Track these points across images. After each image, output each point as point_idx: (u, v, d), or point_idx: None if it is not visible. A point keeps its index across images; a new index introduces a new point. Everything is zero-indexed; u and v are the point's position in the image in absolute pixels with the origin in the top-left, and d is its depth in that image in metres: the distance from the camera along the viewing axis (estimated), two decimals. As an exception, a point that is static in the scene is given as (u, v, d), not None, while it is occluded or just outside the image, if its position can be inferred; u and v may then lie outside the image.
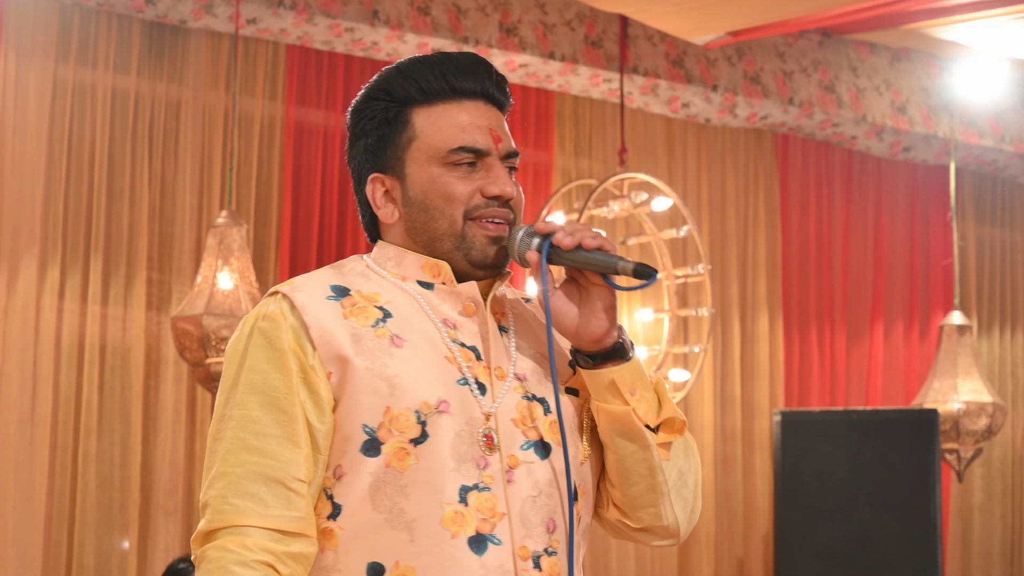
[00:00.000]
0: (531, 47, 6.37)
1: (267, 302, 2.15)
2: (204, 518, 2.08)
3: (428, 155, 2.17)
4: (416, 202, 2.18)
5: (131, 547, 5.74)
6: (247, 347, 2.12)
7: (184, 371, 5.80)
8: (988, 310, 7.79)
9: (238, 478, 2.06)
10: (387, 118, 2.19)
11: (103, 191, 5.83)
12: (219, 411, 2.12)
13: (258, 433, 2.08)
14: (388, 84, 2.20)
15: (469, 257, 2.17)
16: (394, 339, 2.12)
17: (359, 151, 2.21)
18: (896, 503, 6.54)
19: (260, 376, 2.10)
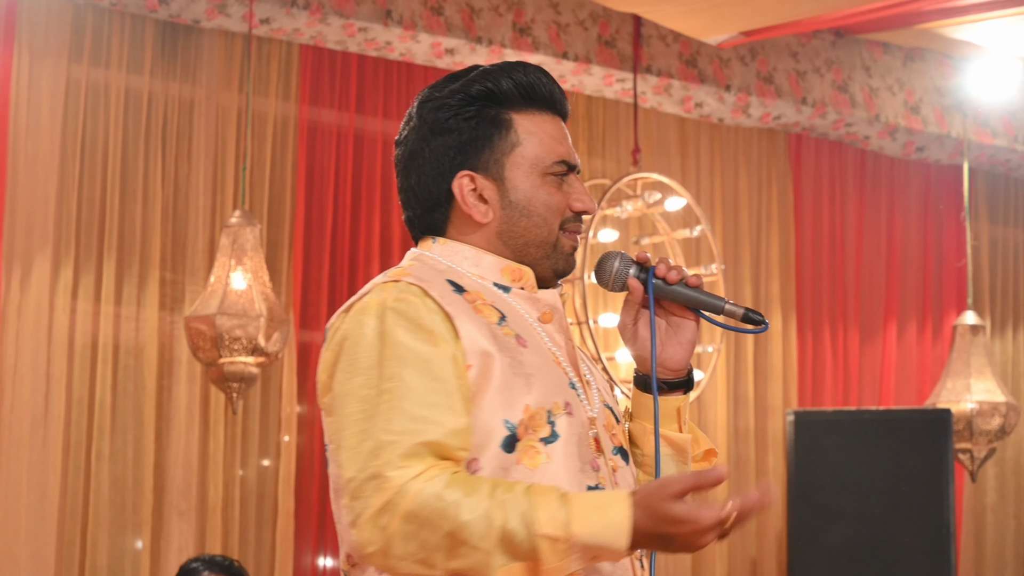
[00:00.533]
0: (544, 47, 6.36)
1: (390, 287, 2.11)
2: (372, 492, 1.99)
3: (531, 163, 2.21)
4: (519, 206, 2.21)
5: (144, 547, 5.74)
6: (384, 327, 2.07)
7: (197, 371, 5.80)
8: (1001, 310, 7.77)
9: (407, 446, 2.00)
10: (487, 118, 2.20)
11: (116, 191, 5.83)
12: (359, 391, 2.05)
13: (420, 403, 2.03)
14: (490, 85, 2.20)
15: (556, 266, 2.23)
16: (519, 338, 2.15)
17: (444, 146, 2.20)
18: (909, 503, 6.53)
19: (410, 352, 2.06)
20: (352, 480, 2.02)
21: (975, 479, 6.81)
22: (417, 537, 1.98)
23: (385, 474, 1.99)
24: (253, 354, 5.39)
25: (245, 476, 5.96)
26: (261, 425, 5.99)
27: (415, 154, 2.22)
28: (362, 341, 2.08)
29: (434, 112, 2.21)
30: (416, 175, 2.22)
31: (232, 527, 5.88)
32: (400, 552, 1.99)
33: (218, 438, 5.86)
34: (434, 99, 2.22)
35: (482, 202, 2.20)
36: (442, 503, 1.96)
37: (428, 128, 2.21)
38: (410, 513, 1.97)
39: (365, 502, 2.00)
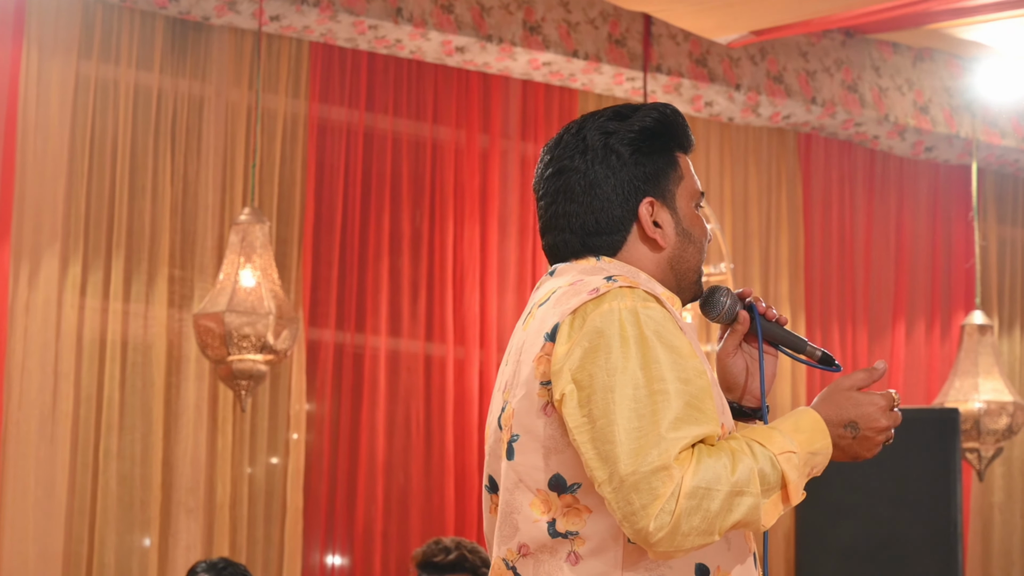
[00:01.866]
0: (554, 45, 6.36)
1: (628, 293, 2.25)
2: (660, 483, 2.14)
3: (690, 195, 2.43)
4: (688, 234, 2.42)
5: (152, 545, 5.74)
6: (641, 330, 2.22)
7: (206, 368, 5.80)
8: (1009, 309, 7.77)
9: (684, 443, 2.17)
10: (665, 152, 2.41)
11: (125, 188, 5.83)
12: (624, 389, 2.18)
13: (692, 405, 2.19)
14: (670, 128, 2.42)
15: (696, 293, 2.46)
16: (708, 356, 2.32)
17: (632, 175, 2.38)
18: (917, 502, 6.53)
19: (672, 355, 2.21)
20: (633, 474, 2.14)
21: (982, 478, 6.81)
22: (700, 509, 2.15)
23: (670, 466, 2.14)
24: (262, 352, 5.39)
25: (253, 474, 5.96)
26: (270, 423, 5.99)
27: (598, 181, 2.39)
28: (623, 342, 2.21)
29: (622, 144, 2.39)
30: (599, 201, 2.38)
31: (240, 525, 5.87)
32: (686, 529, 2.14)
33: (226, 436, 5.86)
34: (618, 132, 2.40)
35: (658, 229, 2.39)
36: (713, 470, 2.16)
37: (616, 158, 2.39)
38: (692, 489, 2.14)
39: (652, 493, 2.14)
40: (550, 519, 2.24)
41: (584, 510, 2.23)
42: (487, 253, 6.42)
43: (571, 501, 2.24)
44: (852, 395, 2.32)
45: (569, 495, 2.24)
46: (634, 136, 2.39)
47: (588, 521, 2.23)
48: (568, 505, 2.24)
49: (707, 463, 2.16)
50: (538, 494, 2.26)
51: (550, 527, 2.24)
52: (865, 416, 2.32)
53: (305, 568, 5.99)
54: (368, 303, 6.21)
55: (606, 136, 2.40)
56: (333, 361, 6.13)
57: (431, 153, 6.41)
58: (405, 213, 6.32)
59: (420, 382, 6.22)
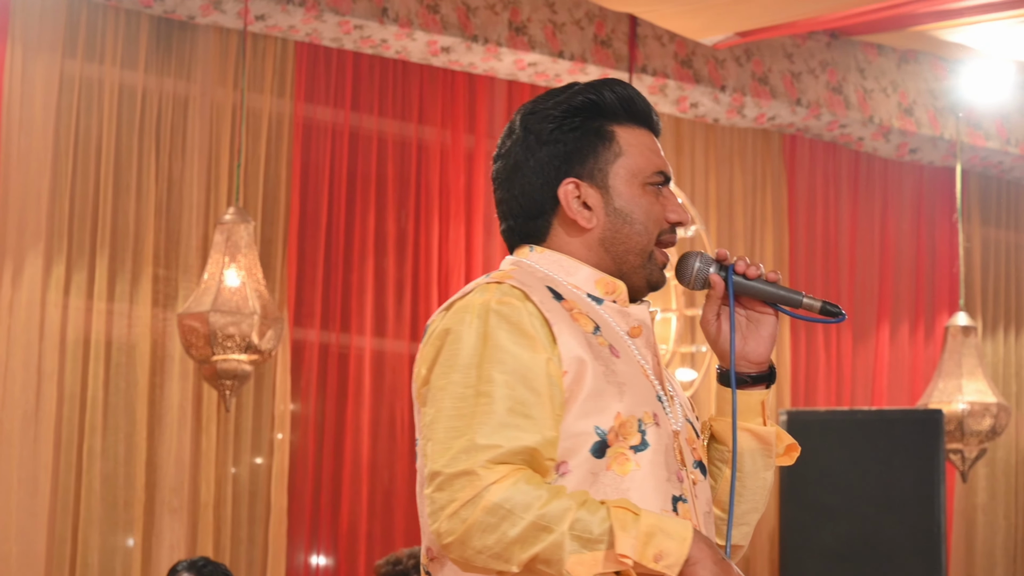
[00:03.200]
0: (540, 46, 6.36)
1: (494, 289, 2.18)
2: (460, 487, 2.06)
3: (632, 173, 2.28)
4: (622, 213, 2.27)
5: (135, 545, 5.73)
6: (486, 328, 2.14)
7: (190, 368, 5.79)
8: (993, 311, 7.79)
9: (499, 452, 2.07)
10: (591, 129, 2.28)
11: (109, 187, 5.81)
12: (455, 388, 2.12)
13: (515, 412, 2.10)
14: (593, 97, 2.28)
15: (650, 277, 2.30)
16: (612, 348, 2.21)
17: (550, 155, 2.27)
18: (900, 503, 6.54)
19: (510, 356, 2.12)
20: (439, 473, 2.08)
21: (966, 479, 6.82)
22: (497, 529, 2.05)
23: (476, 471, 2.06)
24: (246, 351, 5.38)
25: (238, 474, 5.95)
26: (254, 423, 5.98)
27: (519, 164, 2.29)
28: (464, 339, 2.14)
29: (539, 123, 2.29)
30: (520, 185, 2.29)
31: (224, 525, 5.86)
32: (478, 545, 2.06)
33: (211, 436, 5.85)
34: (539, 111, 2.30)
35: (586, 209, 2.27)
36: (525, 496, 2.05)
37: (534, 139, 2.28)
38: (494, 506, 2.04)
39: (451, 495, 2.06)
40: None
41: None
42: (472, 253, 6.42)
43: None
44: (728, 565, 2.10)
45: None
46: (556, 114, 2.28)
47: None
48: None
49: (522, 487, 2.05)
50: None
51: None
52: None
53: (289, 568, 5.98)
54: (353, 303, 6.21)
55: (527, 117, 2.31)
56: (318, 361, 6.12)
57: (416, 153, 6.41)
58: (390, 213, 6.32)
59: (405, 382, 6.22)
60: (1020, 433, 7.76)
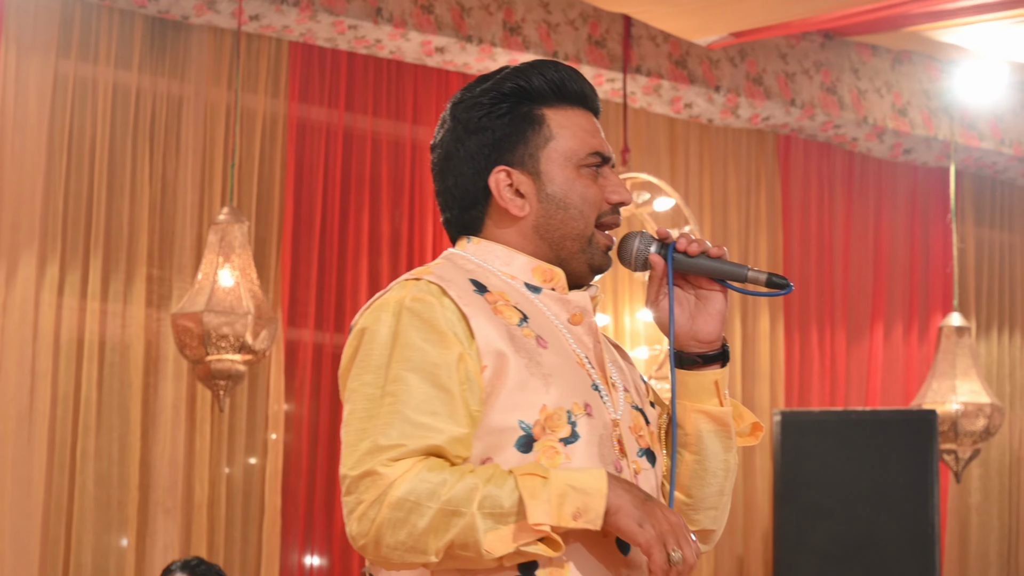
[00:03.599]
0: (534, 46, 6.36)
1: (411, 286, 2.14)
2: (365, 488, 2.02)
3: (566, 156, 2.23)
4: (556, 199, 2.22)
5: (129, 545, 5.72)
6: (398, 326, 2.10)
7: (184, 368, 5.78)
8: (987, 312, 7.80)
9: (402, 452, 2.04)
10: (520, 115, 2.23)
11: (103, 187, 5.81)
12: (366, 389, 2.09)
13: (421, 410, 2.06)
14: (520, 80, 2.23)
15: (591, 261, 2.24)
16: (539, 339, 2.16)
17: (477, 144, 2.22)
18: (894, 503, 6.54)
19: (419, 354, 2.08)
20: (345, 477, 2.05)
21: (960, 480, 6.83)
22: (407, 523, 2.01)
23: (377, 471, 2.02)
24: (240, 352, 5.38)
25: (231, 474, 5.95)
26: (248, 423, 5.98)
27: (451, 155, 2.25)
28: (376, 338, 2.10)
29: (467, 112, 2.24)
30: (453, 175, 2.25)
31: (218, 525, 5.86)
32: (391, 542, 2.02)
33: (204, 436, 5.84)
34: (466, 99, 2.25)
35: (519, 196, 2.22)
36: (429, 484, 2.00)
37: (462, 128, 2.24)
38: (399, 500, 2.01)
39: (358, 497, 2.03)
40: None
41: None
42: (466, 254, 6.42)
43: None
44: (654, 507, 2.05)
45: None
46: (484, 101, 2.23)
47: None
48: None
49: (424, 476, 2.00)
50: None
51: None
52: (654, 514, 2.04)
53: (283, 568, 5.98)
54: (347, 303, 6.20)
55: (455, 106, 2.26)
56: (312, 361, 6.12)
57: (411, 153, 6.41)
58: (384, 213, 6.31)
59: (399, 382, 6.21)
60: (1014, 434, 7.76)
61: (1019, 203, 7.96)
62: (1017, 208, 7.95)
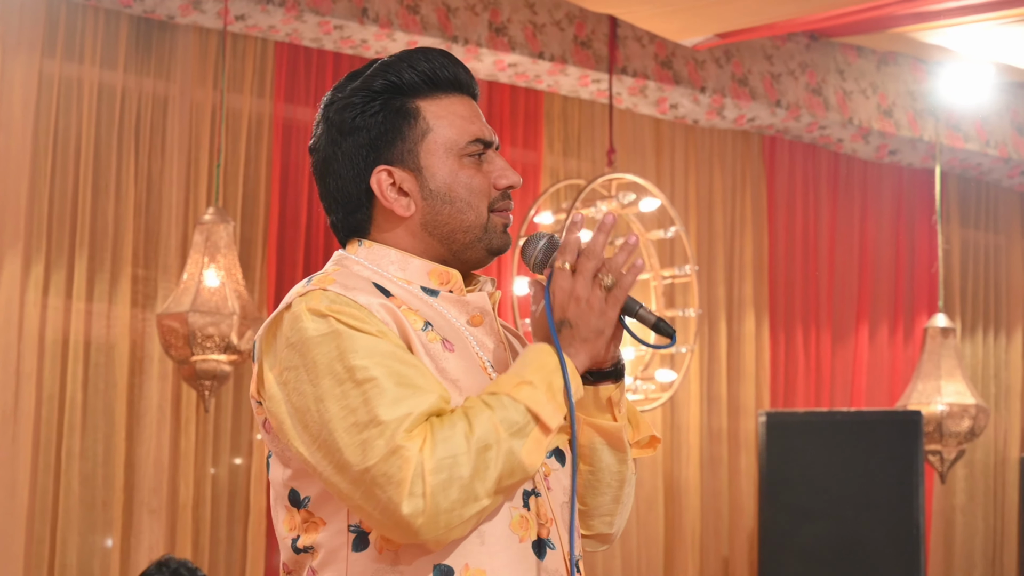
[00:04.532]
0: (520, 47, 6.36)
1: (318, 296, 2.07)
2: (396, 468, 1.96)
3: (446, 148, 2.17)
4: (440, 194, 2.17)
5: (114, 545, 5.71)
6: (331, 327, 2.04)
7: (169, 368, 5.78)
8: (972, 312, 7.82)
9: (410, 422, 1.99)
10: (393, 110, 2.16)
11: (89, 187, 5.80)
12: (331, 391, 2.01)
13: (403, 382, 2.02)
14: (391, 76, 2.16)
15: (490, 246, 2.19)
16: (444, 343, 2.13)
17: (355, 145, 2.17)
18: (879, 504, 6.56)
19: (366, 343, 2.03)
20: (366, 471, 1.98)
21: (944, 480, 6.84)
22: (453, 480, 1.98)
23: (403, 445, 1.97)
24: (225, 352, 5.38)
25: (217, 474, 5.94)
26: (233, 423, 5.97)
27: (328, 159, 2.19)
28: (312, 345, 2.03)
29: (340, 113, 2.17)
30: (333, 179, 2.19)
31: (203, 525, 5.85)
32: (446, 504, 1.98)
33: (189, 436, 5.84)
34: (337, 100, 2.18)
35: (403, 195, 2.17)
36: (452, 436, 1.98)
37: (336, 130, 2.18)
38: (436, 463, 1.97)
39: (391, 481, 1.97)
40: (295, 536, 2.12)
41: (319, 523, 2.10)
42: (452, 254, 6.42)
43: (307, 516, 2.11)
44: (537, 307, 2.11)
45: (304, 510, 2.11)
46: (355, 101, 2.16)
47: (320, 534, 2.09)
48: (305, 520, 2.11)
49: (442, 433, 1.97)
50: (286, 510, 2.14)
51: (293, 544, 2.12)
52: (559, 304, 2.09)
53: (268, 569, 5.97)
54: (333, 304, 6.19)
55: (327, 108, 2.19)
56: (297, 361, 6.11)
57: (396, 154, 6.40)
58: (370, 214, 6.31)
59: (384, 383, 6.21)
60: (998, 434, 7.78)
61: (1004, 204, 7.98)
62: (1002, 209, 7.97)
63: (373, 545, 2.06)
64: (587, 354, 2.10)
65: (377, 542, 2.06)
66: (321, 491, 2.09)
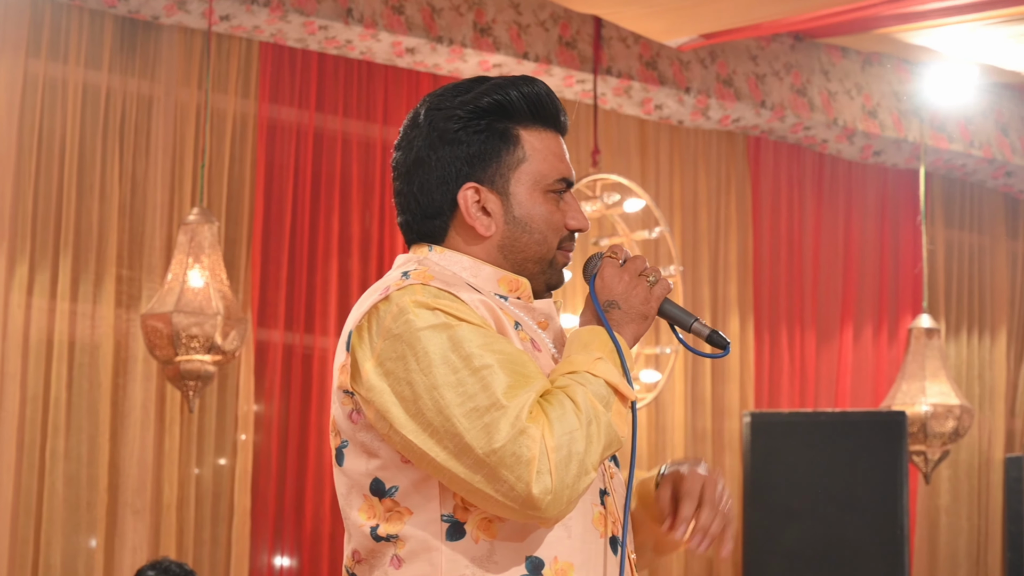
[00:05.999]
0: (505, 47, 6.36)
1: (422, 290, 2.14)
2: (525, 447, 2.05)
3: (535, 179, 2.26)
4: (521, 222, 2.25)
5: (98, 545, 5.70)
6: (440, 322, 2.11)
7: (153, 369, 5.77)
8: (956, 313, 7.83)
9: (528, 404, 2.08)
10: (496, 132, 2.24)
11: (73, 187, 5.79)
12: (446, 379, 2.09)
13: (515, 370, 2.10)
14: (500, 98, 2.24)
15: (550, 281, 2.30)
16: (533, 342, 2.23)
17: (452, 156, 2.23)
18: (864, 504, 6.57)
19: (475, 333, 2.11)
20: (494, 451, 2.05)
21: (929, 481, 6.85)
22: (572, 456, 2.06)
23: (528, 426, 2.06)
24: (210, 352, 5.37)
25: (201, 475, 5.94)
26: (218, 423, 5.97)
27: (420, 161, 2.25)
28: (422, 336, 2.11)
29: (444, 122, 2.24)
30: (420, 181, 2.25)
31: (187, 526, 5.85)
32: (569, 480, 2.06)
33: (174, 436, 5.83)
34: (444, 108, 2.25)
35: (485, 215, 2.25)
36: (565, 415, 2.08)
37: (438, 136, 2.24)
38: (557, 441, 2.06)
39: (520, 460, 2.05)
40: (374, 524, 2.17)
41: (405, 512, 2.16)
42: (437, 254, 6.41)
43: (391, 505, 2.17)
44: (590, 294, 2.25)
45: (389, 499, 2.17)
46: (461, 114, 2.23)
47: (408, 523, 2.15)
48: (389, 509, 2.17)
49: (555, 412, 2.07)
50: (365, 499, 2.19)
51: (373, 532, 2.17)
52: (607, 286, 2.22)
53: (253, 569, 5.97)
54: (317, 304, 6.20)
55: (434, 112, 2.25)
56: (282, 362, 6.11)
57: (381, 154, 6.40)
58: (355, 214, 6.31)
59: (369, 383, 6.21)
60: (983, 435, 7.79)
61: (988, 205, 7.99)
62: (986, 210, 7.98)
63: (469, 536, 2.13)
64: (632, 335, 2.21)
65: (473, 532, 2.13)
66: (412, 481, 2.14)
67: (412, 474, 2.14)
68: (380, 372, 2.12)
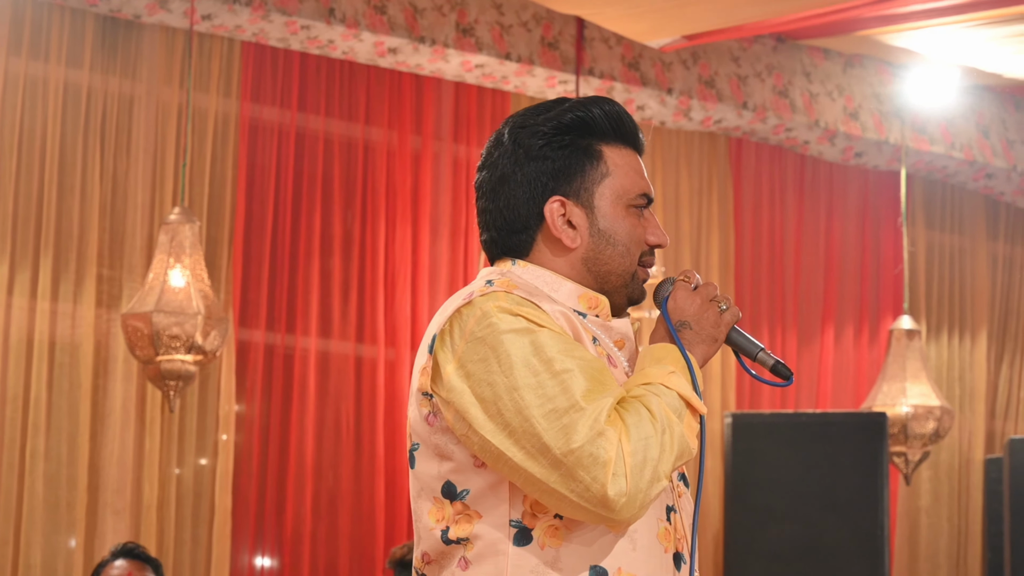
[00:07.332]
0: (487, 48, 6.37)
1: (502, 296, 2.20)
2: (602, 449, 2.10)
3: (618, 194, 2.31)
4: (606, 235, 2.31)
5: (78, 545, 5.69)
6: (520, 324, 2.17)
7: (134, 368, 5.76)
8: (937, 314, 7.85)
9: (605, 410, 2.13)
10: (580, 148, 2.30)
11: (54, 186, 5.78)
12: (526, 380, 2.14)
13: (593, 378, 2.16)
14: (582, 115, 2.31)
15: (631, 296, 2.35)
16: (609, 359, 2.28)
17: (537, 171, 2.29)
18: (844, 505, 6.58)
19: (555, 339, 2.17)
20: (571, 452, 2.10)
21: (909, 482, 6.87)
22: (647, 461, 2.12)
23: (605, 430, 2.11)
24: (190, 352, 5.37)
25: (182, 475, 5.93)
26: (198, 423, 5.96)
27: (506, 177, 2.32)
28: (505, 340, 2.16)
29: (529, 138, 2.31)
30: (506, 198, 2.32)
31: (168, 526, 5.84)
32: (643, 484, 2.12)
33: (154, 436, 5.82)
34: (529, 126, 2.32)
35: (570, 227, 2.30)
36: (641, 422, 2.14)
37: (524, 153, 2.31)
38: (633, 446, 2.12)
39: (597, 461, 2.10)
40: (444, 527, 2.22)
41: (475, 516, 2.21)
42: (419, 255, 6.42)
43: (461, 508, 2.21)
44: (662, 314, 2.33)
45: (460, 502, 2.21)
46: (545, 130, 2.30)
47: (477, 526, 2.20)
48: (459, 512, 2.21)
49: (631, 418, 2.13)
50: (435, 502, 2.23)
51: (443, 535, 2.22)
52: (680, 307, 2.29)
53: (233, 570, 5.96)
54: (299, 304, 6.19)
55: (518, 130, 2.32)
56: (263, 362, 6.11)
57: (363, 154, 6.40)
58: (336, 214, 6.31)
59: (350, 384, 6.21)
60: (963, 436, 7.82)
61: (969, 206, 8.01)
62: (967, 211, 8.01)
63: (536, 541, 2.18)
64: (702, 356, 2.27)
65: (540, 539, 2.18)
66: (483, 485, 2.19)
67: (484, 478, 2.19)
68: (461, 374, 2.18)
